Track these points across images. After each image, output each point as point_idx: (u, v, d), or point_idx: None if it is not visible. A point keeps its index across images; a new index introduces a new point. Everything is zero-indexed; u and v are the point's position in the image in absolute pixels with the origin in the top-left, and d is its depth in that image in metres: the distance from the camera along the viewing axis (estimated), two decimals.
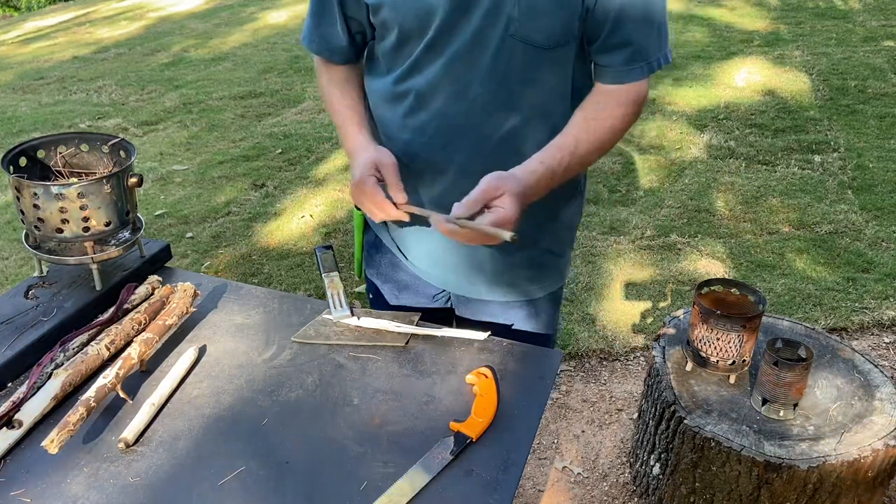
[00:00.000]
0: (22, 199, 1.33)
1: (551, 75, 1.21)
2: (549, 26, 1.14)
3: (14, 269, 3.37)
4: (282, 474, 1.04)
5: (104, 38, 7.49)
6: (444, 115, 1.24)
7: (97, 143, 1.47)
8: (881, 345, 2.65)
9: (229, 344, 1.31)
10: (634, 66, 1.20)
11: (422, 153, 1.30)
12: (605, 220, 3.49)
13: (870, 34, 5.81)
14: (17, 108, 5.50)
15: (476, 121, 1.24)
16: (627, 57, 1.19)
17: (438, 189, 1.32)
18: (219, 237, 3.56)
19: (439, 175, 1.31)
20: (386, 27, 1.23)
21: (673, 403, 1.80)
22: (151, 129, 4.95)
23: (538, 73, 1.20)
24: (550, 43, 1.16)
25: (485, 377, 1.19)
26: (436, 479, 1.03)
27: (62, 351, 1.23)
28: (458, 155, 1.27)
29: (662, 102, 4.78)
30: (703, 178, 3.84)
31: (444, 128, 1.26)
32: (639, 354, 2.66)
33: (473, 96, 1.21)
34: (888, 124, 4.32)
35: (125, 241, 1.44)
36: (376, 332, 1.32)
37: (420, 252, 1.47)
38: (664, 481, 1.90)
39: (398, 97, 1.29)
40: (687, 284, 2.99)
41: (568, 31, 1.15)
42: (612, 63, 1.21)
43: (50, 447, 1.02)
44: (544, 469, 2.21)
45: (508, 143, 1.26)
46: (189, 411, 1.16)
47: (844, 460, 1.63)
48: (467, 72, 1.19)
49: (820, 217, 3.43)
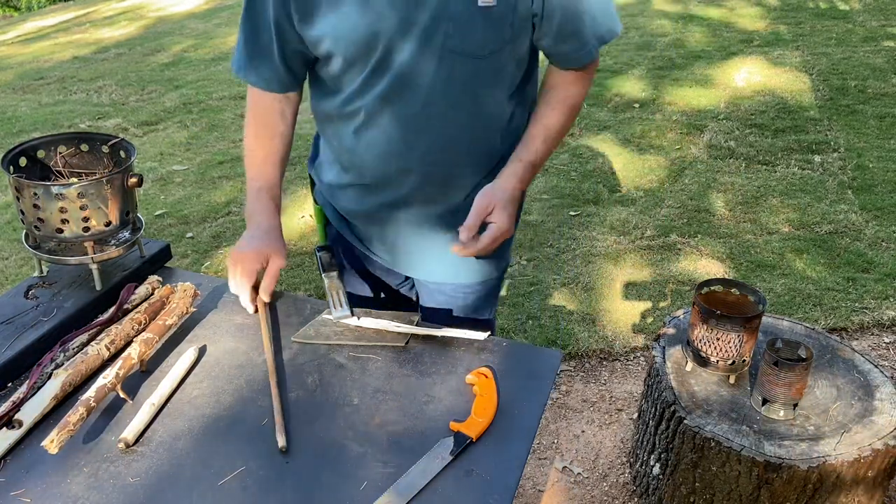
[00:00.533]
0: (22, 199, 1.33)
1: (489, 79, 1.27)
2: (482, 37, 1.20)
3: (14, 269, 3.37)
4: (282, 474, 1.04)
5: (104, 38, 7.49)
6: (394, 129, 1.30)
7: (97, 143, 1.47)
8: (881, 345, 2.65)
9: (229, 344, 1.31)
10: (587, 48, 1.28)
11: (377, 165, 1.37)
12: (605, 220, 3.49)
13: (870, 34, 5.81)
14: (17, 108, 5.50)
15: (425, 130, 1.30)
16: (580, 43, 1.27)
17: (402, 191, 1.39)
18: (219, 237, 3.56)
19: (399, 182, 1.38)
20: (329, 56, 1.27)
21: (673, 403, 1.80)
22: (151, 129, 4.95)
23: (477, 80, 1.26)
24: (485, 52, 1.22)
25: (485, 377, 1.19)
26: (436, 479, 1.03)
27: (62, 351, 1.23)
28: (412, 163, 1.34)
29: (662, 102, 4.78)
30: (703, 178, 3.84)
31: (395, 140, 1.31)
32: (639, 354, 2.66)
33: (419, 108, 1.27)
34: (888, 124, 4.32)
35: (125, 241, 1.44)
36: (376, 332, 1.33)
37: (382, 244, 1.52)
38: (664, 481, 1.90)
39: (348, 116, 1.33)
40: (687, 284, 2.99)
41: (500, 39, 1.21)
42: (566, 51, 1.29)
43: (50, 447, 1.02)
44: (544, 469, 2.21)
45: (460, 146, 1.33)
46: (189, 411, 1.16)
47: (844, 460, 1.63)
48: (412, 87, 1.25)
49: (820, 217, 3.43)
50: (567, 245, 3.31)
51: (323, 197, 1.55)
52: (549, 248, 3.30)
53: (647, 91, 4.98)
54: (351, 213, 1.51)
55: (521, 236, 3.37)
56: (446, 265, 1.50)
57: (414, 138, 1.31)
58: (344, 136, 1.37)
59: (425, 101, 1.26)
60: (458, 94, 1.26)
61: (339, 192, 1.49)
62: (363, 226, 1.52)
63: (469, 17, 1.17)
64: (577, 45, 1.28)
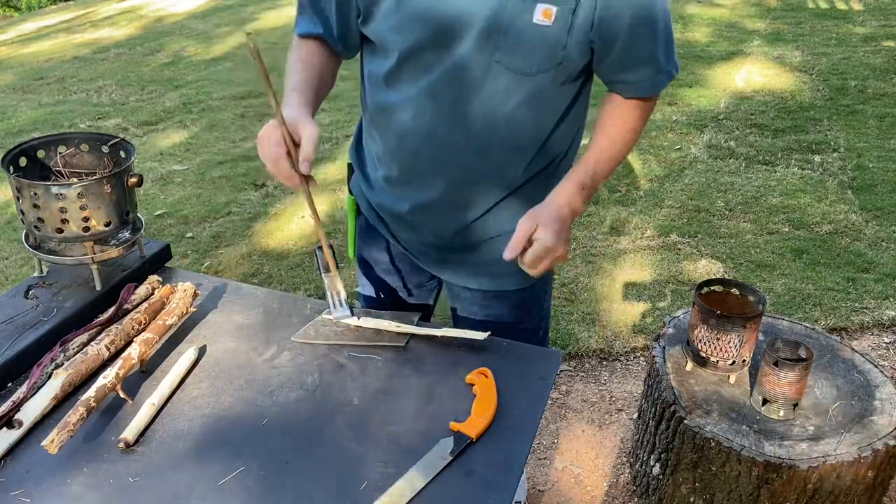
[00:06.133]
0: (22, 199, 1.33)
1: (531, 98, 1.25)
2: (532, 56, 1.19)
3: (14, 269, 3.37)
4: (282, 474, 1.04)
5: (104, 38, 7.48)
6: (429, 127, 1.30)
7: (97, 143, 1.47)
8: (881, 345, 2.65)
9: (229, 344, 1.31)
10: (655, 79, 1.27)
11: (409, 159, 1.36)
12: (605, 220, 3.49)
13: (870, 34, 5.81)
14: (17, 108, 5.50)
15: (460, 134, 1.29)
16: (648, 73, 1.25)
17: (430, 194, 1.37)
18: (219, 237, 3.56)
19: (427, 183, 1.37)
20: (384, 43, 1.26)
21: (673, 403, 1.80)
22: (151, 129, 4.95)
23: (518, 96, 1.24)
24: (532, 70, 1.21)
25: (485, 377, 1.19)
26: (436, 479, 1.03)
27: (62, 351, 1.23)
28: (442, 165, 1.33)
29: (662, 102, 4.78)
30: (703, 178, 3.83)
31: (429, 138, 1.31)
32: (639, 354, 2.66)
33: (458, 112, 1.26)
34: (888, 124, 4.32)
35: (125, 241, 1.44)
36: (376, 332, 1.32)
37: (410, 243, 1.51)
38: (664, 481, 1.90)
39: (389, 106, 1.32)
40: (687, 284, 2.99)
41: (550, 60, 1.20)
42: (627, 79, 1.27)
43: (50, 447, 1.02)
44: (544, 469, 2.21)
45: (490, 157, 1.32)
46: (189, 411, 1.16)
47: (844, 460, 1.63)
48: (455, 89, 1.24)
49: (820, 217, 3.43)
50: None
51: (359, 187, 1.54)
52: None
53: None
54: (382, 209, 1.50)
55: None
56: (469, 271, 1.49)
57: (447, 139, 1.29)
58: (382, 126, 1.36)
59: (465, 106, 1.25)
60: (497, 105, 1.25)
61: (374, 187, 1.48)
62: (394, 224, 1.51)
63: (522, 31, 1.16)
64: (640, 76, 1.26)
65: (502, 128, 1.28)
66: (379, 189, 1.47)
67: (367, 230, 1.58)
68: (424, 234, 1.47)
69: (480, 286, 1.51)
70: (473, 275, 1.50)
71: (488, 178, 1.35)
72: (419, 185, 1.38)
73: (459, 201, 1.38)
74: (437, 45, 1.21)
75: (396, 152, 1.36)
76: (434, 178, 1.35)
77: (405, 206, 1.42)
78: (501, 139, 1.29)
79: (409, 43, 1.22)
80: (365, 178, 1.51)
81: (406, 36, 1.21)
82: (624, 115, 1.32)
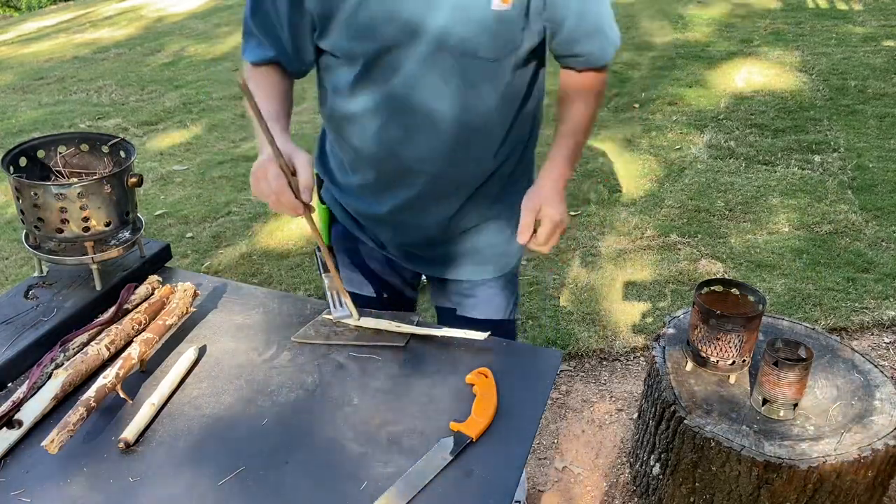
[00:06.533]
0: (22, 199, 1.33)
1: (496, 82, 1.29)
2: (494, 41, 1.22)
3: (14, 269, 3.37)
4: (282, 474, 1.04)
5: (104, 38, 7.48)
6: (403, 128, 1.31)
7: (97, 143, 1.47)
8: (881, 345, 2.65)
9: (229, 344, 1.31)
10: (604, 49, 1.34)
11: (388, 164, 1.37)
12: (605, 220, 3.49)
13: (870, 34, 5.81)
14: (17, 108, 5.50)
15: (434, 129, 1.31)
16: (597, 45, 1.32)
17: (412, 192, 1.39)
18: (219, 237, 3.56)
19: (409, 182, 1.38)
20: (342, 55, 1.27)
21: (673, 403, 1.80)
22: (151, 129, 4.95)
23: (485, 82, 1.28)
24: (495, 55, 1.24)
25: (485, 377, 1.19)
26: (436, 479, 1.03)
27: (62, 351, 1.23)
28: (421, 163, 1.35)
29: (663, 102, 4.78)
30: (703, 178, 3.83)
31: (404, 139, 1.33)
32: (639, 354, 2.66)
33: (429, 108, 1.28)
34: (888, 124, 4.32)
35: (125, 241, 1.44)
36: (376, 332, 1.33)
37: (393, 244, 1.54)
38: (664, 481, 1.90)
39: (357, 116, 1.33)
40: (687, 284, 2.99)
41: (512, 42, 1.23)
42: (583, 52, 1.33)
43: (50, 447, 1.02)
44: (544, 469, 2.21)
45: (467, 146, 1.35)
46: (189, 411, 1.16)
47: (844, 460, 1.63)
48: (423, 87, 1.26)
49: (820, 217, 3.43)
50: (567, 245, 3.31)
51: (331, 195, 1.55)
52: None
53: (647, 91, 4.99)
54: (362, 215, 1.51)
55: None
56: (457, 263, 1.53)
57: (421, 137, 1.32)
58: (352, 134, 1.37)
59: (436, 101, 1.27)
60: (465, 95, 1.27)
61: (349, 193, 1.49)
62: (373, 227, 1.53)
63: (483, 20, 1.19)
64: (591, 48, 1.32)
65: (473, 117, 1.30)
66: (354, 195, 1.48)
67: (343, 238, 1.59)
68: (406, 232, 1.49)
69: (463, 277, 1.55)
70: (455, 266, 1.53)
71: (465, 168, 1.37)
72: (398, 185, 1.40)
73: (438, 196, 1.41)
74: (400, 46, 1.22)
75: (370, 157, 1.38)
76: (412, 177, 1.37)
77: (384, 208, 1.44)
78: (473, 129, 1.32)
79: (373, 48, 1.23)
80: (336, 186, 1.52)
81: (368, 42, 1.22)
82: (584, 86, 1.39)
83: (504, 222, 1.50)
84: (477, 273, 1.55)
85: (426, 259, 1.55)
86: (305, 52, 1.31)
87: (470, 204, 1.43)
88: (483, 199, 1.44)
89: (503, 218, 1.49)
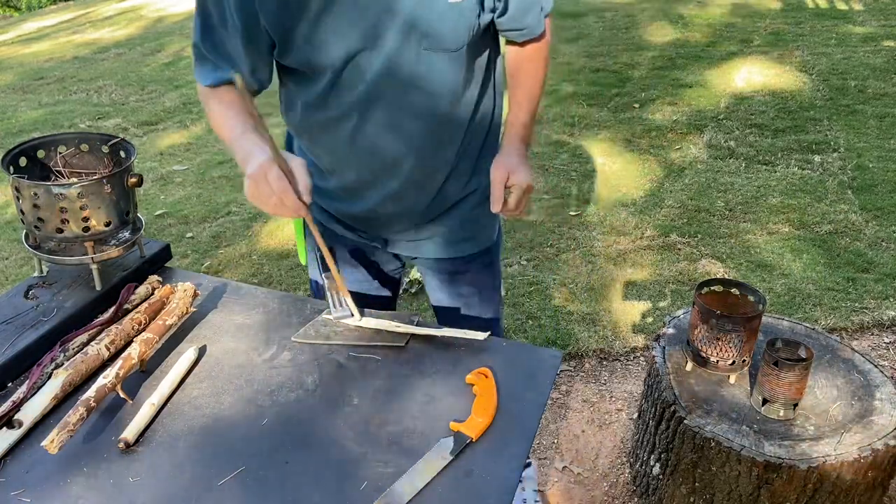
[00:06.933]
0: (22, 199, 1.33)
1: (463, 69, 1.33)
2: (455, 32, 1.25)
3: (14, 269, 3.37)
4: (282, 474, 1.04)
5: (104, 38, 7.48)
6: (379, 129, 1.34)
7: (97, 143, 1.47)
8: (881, 345, 2.64)
9: (229, 344, 1.31)
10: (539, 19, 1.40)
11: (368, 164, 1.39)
12: (605, 220, 3.49)
13: (870, 34, 5.81)
14: (17, 108, 5.50)
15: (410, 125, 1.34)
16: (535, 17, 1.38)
17: (394, 186, 1.42)
18: (219, 237, 3.56)
19: (391, 175, 1.41)
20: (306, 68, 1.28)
21: (673, 403, 1.80)
22: (151, 129, 4.95)
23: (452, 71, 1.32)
24: (458, 45, 1.28)
25: (485, 377, 1.19)
26: (436, 479, 1.03)
27: (62, 351, 1.23)
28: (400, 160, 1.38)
29: (663, 102, 4.78)
30: (703, 178, 3.83)
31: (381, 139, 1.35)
32: (639, 354, 2.66)
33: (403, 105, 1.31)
34: (888, 124, 4.31)
35: (125, 241, 1.44)
36: (376, 332, 1.33)
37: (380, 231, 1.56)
38: (664, 481, 1.90)
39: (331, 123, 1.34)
40: (687, 284, 2.99)
41: (470, 31, 1.27)
42: (523, 26, 1.39)
43: (50, 447, 1.02)
44: (544, 469, 2.21)
45: (443, 132, 1.39)
46: (189, 411, 1.16)
47: (844, 460, 1.63)
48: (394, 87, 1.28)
49: (820, 217, 3.42)
50: (567, 245, 3.31)
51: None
52: (549, 248, 3.30)
53: (647, 91, 4.98)
54: (343, 213, 1.53)
55: (521, 236, 3.37)
56: (443, 242, 1.56)
57: (399, 133, 1.34)
58: (326, 141, 1.39)
59: (407, 97, 1.30)
60: (435, 87, 1.31)
61: (326, 195, 1.50)
62: (357, 223, 1.55)
63: (442, 14, 1.22)
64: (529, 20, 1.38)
65: (443, 103, 1.33)
66: (335, 197, 1.49)
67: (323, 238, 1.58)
68: (392, 222, 1.51)
69: (450, 254, 1.57)
70: (443, 244, 1.56)
71: (441, 153, 1.41)
72: (378, 181, 1.42)
73: (417, 185, 1.43)
74: (365, 50, 1.23)
75: (349, 159, 1.39)
76: (391, 172, 1.40)
77: (368, 204, 1.45)
78: (444, 115, 1.35)
79: (339, 56, 1.24)
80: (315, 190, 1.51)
81: (333, 52, 1.23)
82: (530, 57, 1.46)
83: (480, 193, 1.52)
84: (463, 249, 1.57)
85: (413, 243, 1.57)
86: (261, 71, 1.31)
87: (448, 183, 1.46)
88: (462, 176, 1.47)
89: (480, 189, 1.51)
